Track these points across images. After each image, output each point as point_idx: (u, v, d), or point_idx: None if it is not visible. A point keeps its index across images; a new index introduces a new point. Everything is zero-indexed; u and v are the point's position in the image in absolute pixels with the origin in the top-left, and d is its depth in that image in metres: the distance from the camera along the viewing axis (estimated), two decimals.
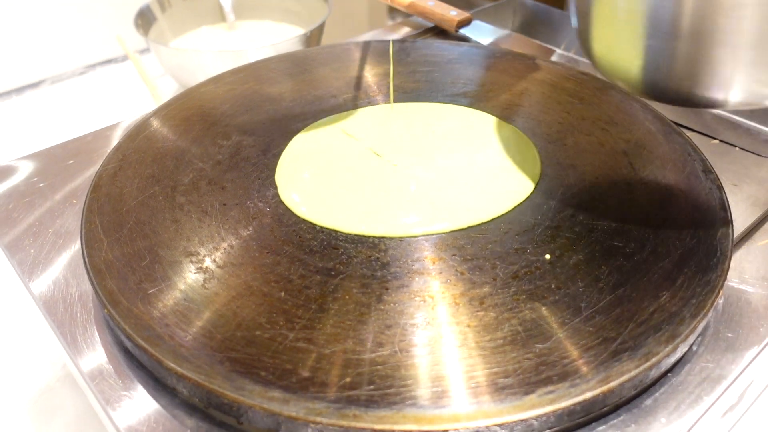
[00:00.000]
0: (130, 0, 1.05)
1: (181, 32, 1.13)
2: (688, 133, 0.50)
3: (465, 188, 0.43)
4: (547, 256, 0.37)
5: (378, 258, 0.37)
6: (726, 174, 0.47)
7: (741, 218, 0.43)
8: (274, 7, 1.14)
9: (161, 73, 1.03)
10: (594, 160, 0.45)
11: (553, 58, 0.65)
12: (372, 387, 0.30)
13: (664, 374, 0.34)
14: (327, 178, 0.44)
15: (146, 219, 0.40)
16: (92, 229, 0.39)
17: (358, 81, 0.56)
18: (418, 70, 0.57)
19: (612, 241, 0.38)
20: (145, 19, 1.05)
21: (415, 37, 0.71)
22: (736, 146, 0.50)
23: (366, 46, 0.62)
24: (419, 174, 0.44)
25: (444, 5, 0.70)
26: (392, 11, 0.74)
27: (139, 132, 0.48)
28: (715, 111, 0.54)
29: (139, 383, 0.33)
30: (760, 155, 0.49)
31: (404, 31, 0.72)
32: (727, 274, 0.36)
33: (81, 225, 0.40)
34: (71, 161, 0.51)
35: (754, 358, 0.35)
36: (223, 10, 1.19)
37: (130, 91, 1.04)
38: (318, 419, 0.28)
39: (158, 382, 0.33)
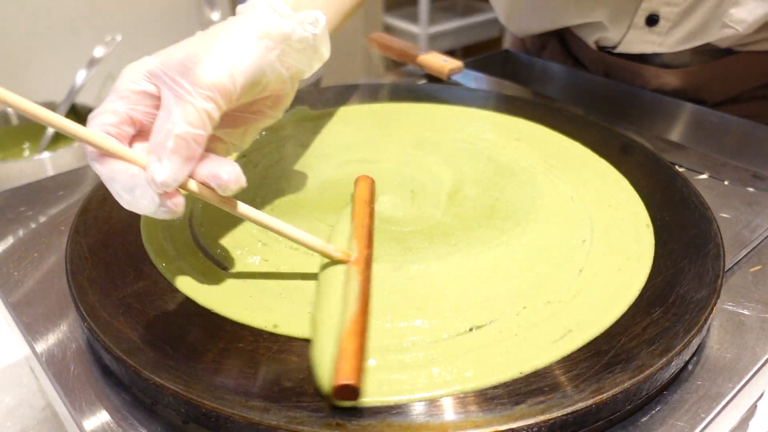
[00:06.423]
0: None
1: None
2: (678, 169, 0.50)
3: None
4: None
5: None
6: (716, 205, 0.47)
7: (733, 245, 0.43)
8: None
9: None
10: None
11: None
12: None
13: (660, 392, 0.32)
14: None
15: (133, 239, 0.40)
16: (77, 249, 0.39)
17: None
18: None
19: None
20: None
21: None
22: (724, 181, 0.51)
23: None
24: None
25: (436, 54, 0.72)
26: (387, 62, 0.76)
27: None
28: (701, 150, 0.55)
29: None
30: (748, 188, 0.49)
31: (398, 79, 0.73)
32: (719, 292, 0.35)
33: (66, 245, 0.39)
34: (61, 192, 0.51)
35: (751, 378, 0.34)
36: None
37: None
38: (300, 428, 0.27)
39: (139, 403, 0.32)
